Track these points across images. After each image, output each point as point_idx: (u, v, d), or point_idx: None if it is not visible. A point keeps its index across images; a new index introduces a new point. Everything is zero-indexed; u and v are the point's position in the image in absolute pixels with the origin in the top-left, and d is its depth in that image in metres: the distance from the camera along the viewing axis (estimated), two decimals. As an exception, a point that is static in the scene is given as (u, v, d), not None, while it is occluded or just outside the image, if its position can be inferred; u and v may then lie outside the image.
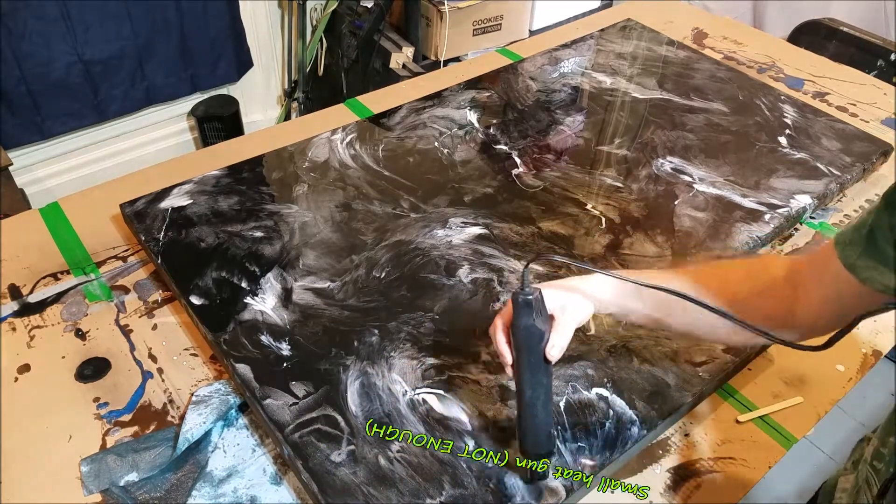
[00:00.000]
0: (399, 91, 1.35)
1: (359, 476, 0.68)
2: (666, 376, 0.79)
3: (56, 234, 1.01)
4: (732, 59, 1.46)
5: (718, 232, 0.99)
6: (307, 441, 0.71)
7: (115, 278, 0.94)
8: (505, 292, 0.88)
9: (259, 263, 0.91)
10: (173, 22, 2.03)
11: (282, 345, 0.81)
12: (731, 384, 0.84)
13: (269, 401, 0.75)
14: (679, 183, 1.08)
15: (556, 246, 0.95)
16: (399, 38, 2.19)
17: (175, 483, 0.72)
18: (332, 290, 0.88)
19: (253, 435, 0.77)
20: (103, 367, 0.83)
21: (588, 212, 1.02)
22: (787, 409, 0.82)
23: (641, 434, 0.73)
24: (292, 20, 2.34)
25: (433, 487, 0.68)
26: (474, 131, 1.18)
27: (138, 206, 0.99)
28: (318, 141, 1.14)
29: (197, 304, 0.85)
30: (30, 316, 0.89)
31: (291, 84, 2.45)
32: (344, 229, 0.97)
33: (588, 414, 0.75)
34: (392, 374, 0.78)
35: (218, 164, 1.08)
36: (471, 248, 0.95)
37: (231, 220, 0.98)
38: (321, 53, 2.34)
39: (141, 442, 0.75)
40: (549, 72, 1.36)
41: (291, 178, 1.06)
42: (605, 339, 0.83)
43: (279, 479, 0.73)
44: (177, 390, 0.81)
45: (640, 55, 1.42)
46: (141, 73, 2.06)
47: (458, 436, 0.72)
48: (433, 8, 2.12)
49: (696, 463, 0.76)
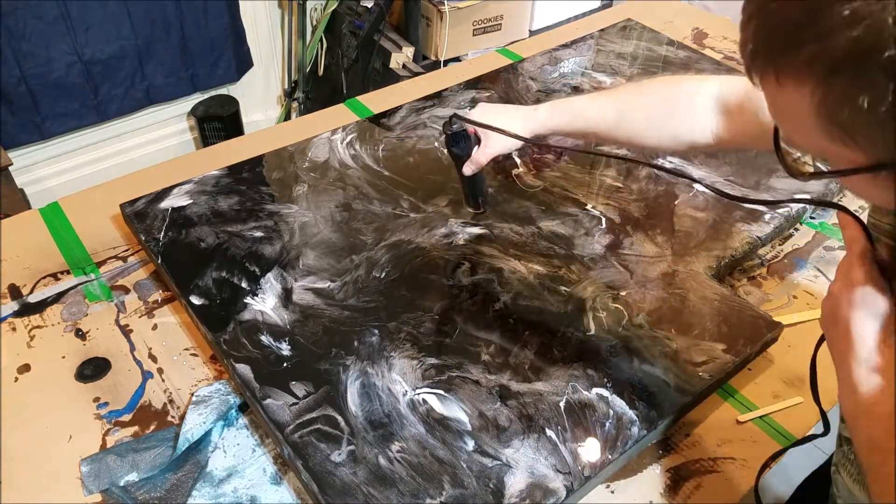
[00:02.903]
0: (399, 91, 1.35)
1: (359, 476, 0.68)
2: (666, 376, 0.79)
3: (56, 234, 1.01)
4: (732, 59, 1.46)
5: (718, 232, 0.99)
6: (307, 441, 0.71)
7: (115, 278, 0.94)
8: (504, 292, 0.89)
9: (259, 263, 0.91)
10: (173, 22, 2.03)
11: (282, 345, 0.81)
12: (731, 384, 0.84)
13: (269, 401, 0.75)
14: (679, 183, 1.08)
15: (555, 246, 0.95)
16: (399, 38, 2.19)
17: (175, 483, 0.72)
18: (332, 290, 0.88)
19: (253, 435, 0.77)
20: (103, 367, 0.83)
21: (588, 212, 1.02)
22: (787, 409, 0.82)
23: (641, 434, 0.73)
24: (292, 20, 2.34)
25: (433, 487, 0.68)
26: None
27: (138, 206, 0.99)
28: (318, 141, 1.14)
29: (197, 304, 0.85)
30: (30, 316, 0.89)
31: (291, 84, 2.45)
32: (344, 229, 0.97)
33: (588, 414, 0.75)
34: (392, 374, 0.78)
35: (218, 164, 1.08)
36: (471, 248, 0.95)
37: (231, 220, 0.98)
38: (321, 53, 2.34)
39: (141, 442, 0.75)
40: (549, 72, 1.36)
41: (291, 178, 1.06)
42: (605, 339, 0.83)
43: (279, 479, 0.73)
44: (177, 390, 0.81)
45: (640, 55, 1.42)
46: (141, 73, 2.06)
47: (458, 436, 0.72)
48: (433, 8, 2.12)
49: (696, 463, 0.76)
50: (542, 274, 0.91)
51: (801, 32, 0.36)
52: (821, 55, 0.36)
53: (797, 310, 0.93)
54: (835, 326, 0.50)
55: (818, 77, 0.37)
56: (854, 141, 0.38)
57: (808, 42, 0.36)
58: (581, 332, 0.84)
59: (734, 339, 0.84)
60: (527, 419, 0.74)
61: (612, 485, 0.74)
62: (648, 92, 0.81)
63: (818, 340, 0.55)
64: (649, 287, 0.90)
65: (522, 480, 0.69)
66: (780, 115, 0.43)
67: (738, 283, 0.98)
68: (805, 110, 0.39)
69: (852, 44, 0.34)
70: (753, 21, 0.40)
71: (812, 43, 0.36)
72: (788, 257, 1.02)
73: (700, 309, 0.88)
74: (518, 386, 0.77)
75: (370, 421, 0.73)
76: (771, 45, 0.39)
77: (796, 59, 0.37)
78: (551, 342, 0.82)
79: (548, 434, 0.73)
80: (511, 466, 0.70)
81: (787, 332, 0.88)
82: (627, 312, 0.87)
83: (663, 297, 0.89)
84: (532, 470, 0.70)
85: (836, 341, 0.50)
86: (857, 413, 0.48)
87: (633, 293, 0.89)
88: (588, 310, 0.87)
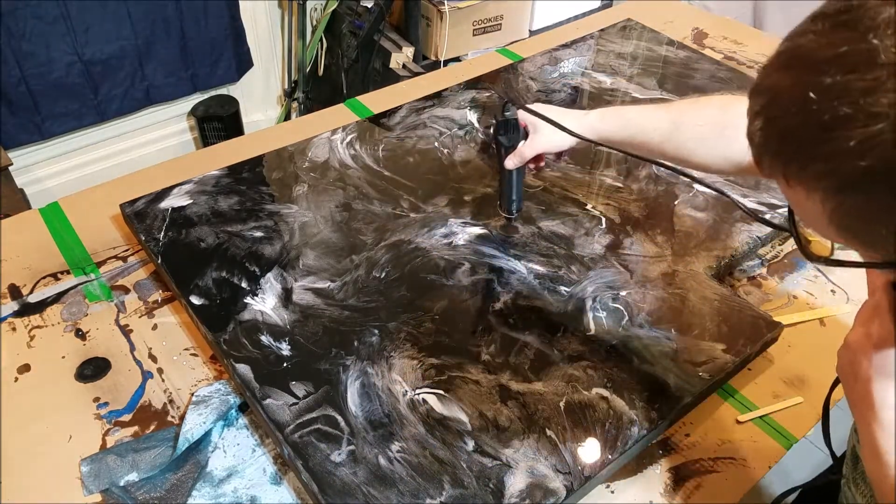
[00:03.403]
0: (399, 91, 1.35)
1: (359, 476, 0.68)
2: (666, 376, 0.79)
3: (56, 234, 1.01)
4: (732, 59, 1.46)
5: (718, 232, 0.99)
6: (307, 441, 0.71)
7: (115, 278, 0.94)
8: (504, 292, 0.89)
9: (259, 263, 0.91)
10: (173, 22, 2.03)
11: (282, 345, 0.81)
12: (731, 384, 0.84)
13: (269, 401, 0.75)
14: (679, 183, 1.08)
15: (555, 246, 0.95)
16: (399, 38, 2.19)
17: (175, 483, 0.72)
18: (332, 290, 0.88)
19: (253, 435, 0.77)
20: (103, 367, 0.83)
21: (588, 212, 1.02)
22: (787, 409, 0.82)
23: (641, 434, 0.73)
24: (292, 20, 2.34)
25: (433, 487, 0.68)
26: (474, 131, 1.18)
27: (138, 206, 0.99)
28: (318, 141, 1.14)
29: (197, 304, 0.85)
30: (30, 316, 0.89)
31: (291, 84, 2.45)
32: (344, 229, 0.97)
33: (588, 414, 0.75)
34: (392, 374, 0.78)
35: (218, 164, 1.08)
36: (471, 248, 0.95)
37: (231, 220, 0.98)
38: (321, 53, 2.34)
39: (141, 442, 0.75)
40: (549, 72, 1.36)
41: (291, 178, 1.06)
42: (605, 339, 0.83)
43: (279, 479, 0.73)
44: (177, 390, 0.81)
45: (640, 55, 1.42)
46: (141, 73, 2.06)
47: (458, 436, 0.72)
48: (433, 8, 2.12)
49: (696, 463, 0.76)
50: (542, 274, 0.91)
51: (808, 149, 0.36)
52: (831, 174, 0.35)
53: (797, 310, 0.94)
54: (854, 382, 0.49)
55: (828, 192, 0.36)
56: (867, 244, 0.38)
57: (817, 160, 0.35)
58: (581, 332, 0.84)
59: (734, 339, 0.84)
60: (527, 419, 0.74)
61: (612, 485, 0.74)
62: (704, 108, 0.79)
63: (832, 384, 0.55)
64: (649, 287, 0.90)
65: (522, 480, 0.69)
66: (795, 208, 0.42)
67: (738, 283, 0.98)
68: (817, 212, 0.38)
69: (864, 171, 0.33)
70: (758, 120, 0.39)
71: (821, 162, 0.35)
72: (788, 257, 1.02)
73: (700, 309, 0.88)
74: (518, 386, 0.77)
75: (370, 421, 0.73)
76: (777, 151, 0.38)
77: (804, 172, 0.36)
78: (551, 342, 0.82)
79: (548, 434, 0.73)
80: (511, 466, 0.70)
81: (787, 332, 0.88)
82: (627, 312, 0.87)
83: (663, 297, 0.89)
84: (532, 470, 0.70)
85: (855, 398, 0.50)
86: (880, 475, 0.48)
87: (633, 293, 0.89)
88: (588, 310, 0.87)
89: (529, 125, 0.87)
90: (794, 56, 0.37)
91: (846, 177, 0.34)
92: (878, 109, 0.32)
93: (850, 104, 0.33)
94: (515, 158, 0.88)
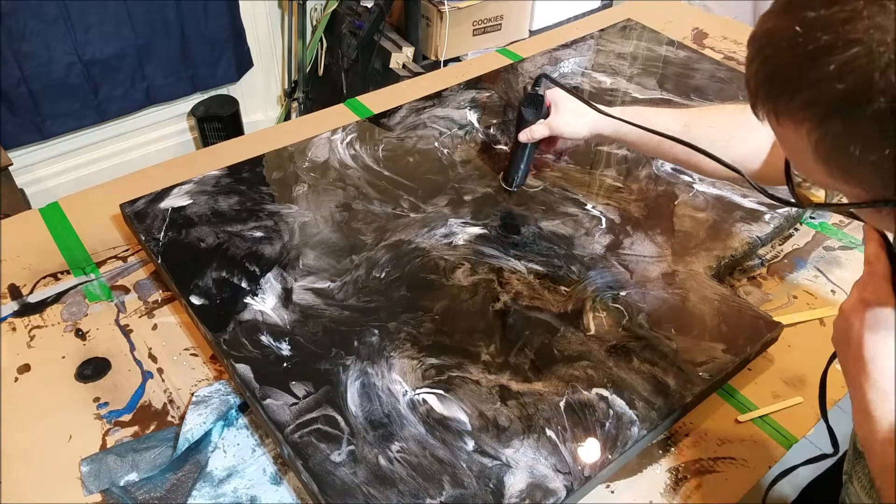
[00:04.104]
0: (399, 91, 1.35)
1: (359, 476, 0.68)
2: (666, 376, 0.79)
3: (56, 234, 1.01)
4: (732, 59, 1.46)
5: (718, 232, 0.99)
6: (307, 441, 0.71)
7: (115, 278, 0.94)
8: (504, 292, 0.88)
9: (259, 263, 0.91)
10: (173, 22, 2.03)
11: (282, 345, 0.81)
12: (731, 384, 0.84)
13: (269, 401, 0.75)
14: (679, 183, 1.08)
15: (555, 246, 0.95)
16: (399, 38, 2.19)
17: (175, 483, 0.72)
18: (332, 290, 0.88)
19: (253, 435, 0.77)
20: (103, 367, 0.83)
21: (588, 212, 1.02)
22: (787, 409, 0.82)
23: (641, 434, 0.73)
24: (292, 20, 2.34)
25: (433, 487, 0.68)
26: (474, 131, 1.18)
27: (138, 206, 0.99)
28: (318, 141, 1.14)
29: (197, 304, 0.85)
30: (30, 316, 0.89)
31: (291, 84, 2.45)
32: (344, 229, 0.97)
33: (588, 414, 0.75)
34: (392, 374, 0.78)
35: (218, 164, 1.08)
36: (471, 248, 0.95)
37: (231, 220, 0.98)
38: (321, 53, 2.34)
39: (141, 442, 0.75)
40: (549, 72, 1.35)
41: (291, 178, 1.06)
42: (605, 339, 0.83)
43: (279, 479, 0.73)
44: (177, 390, 0.81)
45: (640, 55, 1.42)
46: (141, 74, 2.06)
47: (458, 436, 0.72)
48: (433, 8, 2.12)
49: (696, 463, 0.76)
50: (542, 274, 0.91)
51: (795, 79, 0.38)
52: (814, 102, 0.37)
53: (797, 310, 0.94)
54: (846, 347, 0.50)
55: (813, 122, 0.38)
56: (852, 179, 0.40)
57: (802, 89, 0.38)
58: (581, 332, 0.84)
59: (734, 339, 0.84)
60: (527, 419, 0.74)
61: (612, 485, 0.74)
62: (717, 114, 0.82)
63: (829, 358, 0.55)
64: (649, 287, 0.90)
65: (522, 480, 0.69)
66: (786, 149, 0.45)
67: (738, 283, 0.98)
68: (804, 148, 0.40)
69: (842, 95, 0.36)
70: (754, 63, 0.41)
71: (806, 90, 0.38)
72: (788, 257, 1.02)
73: (700, 309, 0.88)
74: (518, 386, 0.77)
75: (370, 421, 0.73)
76: (769, 88, 0.41)
77: (792, 102, 0.39)
78: (551, 342, 0.82)
79: (548, 434, 0.73)
80: (511, 466, 0.70)
81: (787, 332, 0.88)
82: (627, 312, 0.87)
83: (663, 297, 0.89)
84: (532, 470, 0.70)
85: (848, 362, 0.50)
86: (871, 439, 0.47)
87: (633, 293, 0.89)
88: (588, 310, 0.87)
89: (553, 106, 0.90)
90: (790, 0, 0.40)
91: (827, 103, 0.37)
92: (855, 36, 0.34)
93: (831, 33, 0.35)
94: (528, 133, 0.93)
